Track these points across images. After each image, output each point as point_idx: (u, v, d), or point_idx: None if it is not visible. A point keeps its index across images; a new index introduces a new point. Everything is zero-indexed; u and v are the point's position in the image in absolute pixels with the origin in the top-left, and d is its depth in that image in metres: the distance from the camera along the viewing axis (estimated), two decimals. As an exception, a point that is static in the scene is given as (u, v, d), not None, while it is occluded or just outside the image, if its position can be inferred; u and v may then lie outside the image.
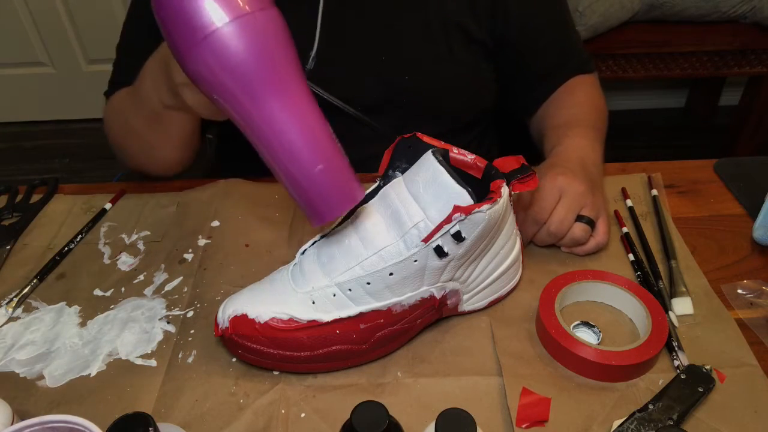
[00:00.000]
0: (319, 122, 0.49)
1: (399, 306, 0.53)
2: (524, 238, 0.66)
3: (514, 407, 0.51)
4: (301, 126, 0.47)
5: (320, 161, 0.48)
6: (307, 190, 0.48)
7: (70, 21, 2.22)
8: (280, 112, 0.46)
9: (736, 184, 0.77)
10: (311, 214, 0.49)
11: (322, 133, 0.48)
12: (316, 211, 0.49)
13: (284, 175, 0.48)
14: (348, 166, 0.50)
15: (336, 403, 0.53)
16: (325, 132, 0.49)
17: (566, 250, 0.67)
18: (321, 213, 0.49)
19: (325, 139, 0.48)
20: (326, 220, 0.49)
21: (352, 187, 0.50)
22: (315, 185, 0.48)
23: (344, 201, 0.49)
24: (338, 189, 0.49)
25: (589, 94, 0.83)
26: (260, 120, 0.47)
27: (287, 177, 0.48)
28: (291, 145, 0.47)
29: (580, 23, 1.64)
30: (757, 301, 0.61)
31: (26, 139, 2.41)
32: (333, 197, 0.49)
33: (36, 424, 0.39)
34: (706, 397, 0.51)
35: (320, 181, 0.48)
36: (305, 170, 0.47)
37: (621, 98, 2.43)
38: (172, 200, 0.77)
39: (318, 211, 0.49)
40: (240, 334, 0.53)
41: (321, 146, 0.48)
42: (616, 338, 0.58)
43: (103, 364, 0.57)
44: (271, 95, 0.46)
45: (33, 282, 0.65)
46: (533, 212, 0.63)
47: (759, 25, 1.75)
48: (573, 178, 0.64)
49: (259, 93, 0.46)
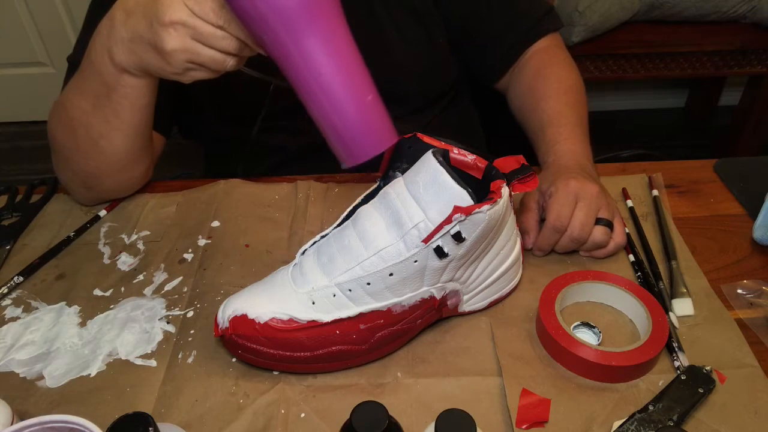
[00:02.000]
0: (361, 57, 0.51)
1: (399, 306, 0.53)
2: (545, 248, 0.66)
3: (514, 408, 0.51)
4: (355, 56, 0.49)
5: (369, 91, 0.50)
6: (354, 122, 0.49)
7: (70, 21, 2.22)
8: (331, 42, 0.48)
9: (736, 184, 0.77)
10: (354, 149, 0.50)
11: (366, 68, 0.51)
12: (360, 145, 0.50)
13: (332, 108, 0.49)
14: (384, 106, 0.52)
15: (336, 403, 0.53)
16: (366, 68, 0.51)
17: (585, 254, 0.67)
18: (365, 148, 0.50)
19: (368, 75, 0.51)
20: (370, 155, 0.50)
21: (391, 124, 0.52)
22: (365, 115, 0.50)
23: (388, 136, 0.51)
24: (384, 122, 0.51)
25: (560, 77, 0.81)
26: (315, 49, 0.48)
27: (336, 109, 0.49)
28: (344, 73, 0.49)
29: (580, 23, 1.64)
30: (757, 301, 0.61)
31: (26, 139, 2.41)
32: (379, 130, 0.51)
33: (36, 424, 0.39)
34: (706, 398, 0.51)
35: (370, 110, 0.50)
36: (357, 99, 0.49)
37: (621, 98, 2.43)
38: (172, 200, 0.77)
39: (362, 146, 0.50)
40: (240, 334, 0.53)
41: (368, 78, 0.50)
42: (616, 339, 0.58)
43: (103, 364, 0.57)
44: (324, 24, 0.48)
45: (16, 278, 0.66)
46: (552, 221, 0.63)
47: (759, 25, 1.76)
48: (585, 181, 0.64)
49: (312, 22, 0.47)
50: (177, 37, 0.52)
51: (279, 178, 0.81)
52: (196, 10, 0.51)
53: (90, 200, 0.76)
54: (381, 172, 0.59)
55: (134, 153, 0.70)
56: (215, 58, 0.54)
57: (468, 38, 0.86)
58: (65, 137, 0.69)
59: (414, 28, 0.81)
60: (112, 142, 0.67)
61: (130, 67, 0.59)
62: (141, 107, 0.65)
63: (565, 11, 1.66)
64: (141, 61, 0.57)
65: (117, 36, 0.57)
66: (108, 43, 0.58)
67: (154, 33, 0.53)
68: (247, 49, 0.55)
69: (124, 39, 0.57)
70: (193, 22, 0.52)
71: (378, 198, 0.56)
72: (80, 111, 0.65)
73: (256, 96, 0.80)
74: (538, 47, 0.85)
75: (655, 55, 1.78)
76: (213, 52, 0.54)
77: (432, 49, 0.85)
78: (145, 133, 0.69)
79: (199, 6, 0.51)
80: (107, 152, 0.68)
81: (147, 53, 0.56)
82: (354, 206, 0.58)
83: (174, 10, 0.51)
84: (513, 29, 0.84)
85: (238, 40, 0.53)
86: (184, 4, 0.51)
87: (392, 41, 0.81)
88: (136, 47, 0.56)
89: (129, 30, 0.56)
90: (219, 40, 0.53)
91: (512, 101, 0.87)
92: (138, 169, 0.74)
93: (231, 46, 0.53)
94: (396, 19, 0.80)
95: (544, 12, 0.85)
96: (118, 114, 0.64)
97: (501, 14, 0.84)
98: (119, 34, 0.57)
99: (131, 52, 0.57)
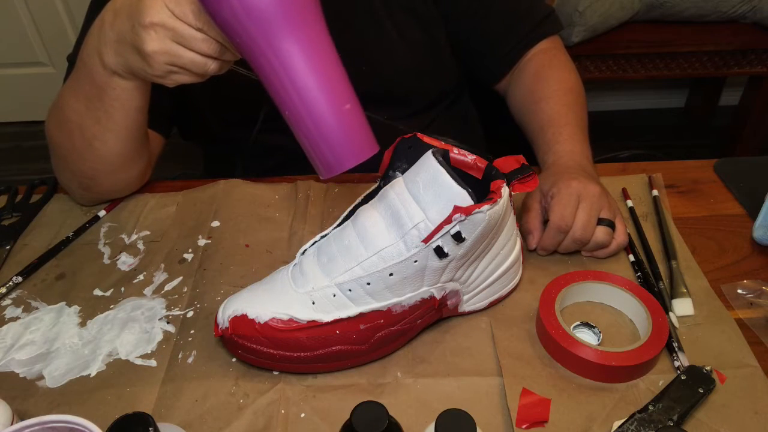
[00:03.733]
0: (342, 66, 0.49)
1: (399, 306, 0.53)
2: (549, 249, 0.66)
3: (514, 408, 0.51)
4: (331, 63, 0.48)
5: (348, 100, 0.48)
6: (331, 131, 0.48)
7: (70, 21, 2.22)
8: (309, 48, 0.47)
9: (736, 184, 0.77)
10: (331, 160, 0.49)
11: (346, 76, 0.49)
12: (337, 156, 0.48)
13: (308, 116, 0.48)
14: (365, 116, 0.50)
15: (336, 403, 0.53)
16: (347, 76, 0.49)
17: (587, 255, 0.67)
18: (342, 158, 0.48)
19: (348, 83, 0.49)
20: (347, 167, 0.49)
21: (371, 135, 0.50)
22: (342, 124, 0.48)
23: (366, 146, 0.49)
24: (362, 132, 0.49)
25: (559, 78, 0.81)
26: (292, 53, 0.47)
27: (312, 117, 0.48)
28: (322, 80, 0.47)
29: (580, 23, 1.64)
30: (757, 301, 0.61)
31: (26, 139, 2.41)
32: (357, 140, 0.49)
33: (36, 424, 0.39)
34: (706, 398, 0.51)
35: (347, 119, 0.48)
36: (334, 108, 0.48)
37: (621, 98, 2.43)
38: (172, 200, 0.77)
39: (339, 157, 0.48)
40: (240, 334, 0.53)
41: (348, 86, 0.49)
42: (616, 339, 0.58)
43: (103, 365, 0.57)
44: (304, 29, 0.47)
45: (15, 278, 0.66)
46: (556, 222, 0.63)
47: (759, 25, 1.75)
48: (586, 182, 0.64)
49: (290, 26, 0.46)
50: (157, 39, 0.52)
51: (279, 178, 0.81)
52: (176, 12, 0.51)
53: (88, 200, 0.76)
54: (381, 172, 0.59)
55: (129, 154, 0.70)
56: (195, 60, 0.53)
57: (469, 40, 0.86)
58: (61, 138, 0.69)
59: (415, 29, 0.82)
60: (105, 143, 0.66)
61: (119, 69, 0.59)
62: (132, 109, 0.64)
63: (565, 11, 1.66)
64: (126, 62, 0.57)
65: (106, 37, 0.57)
66: (98, 45, 0.58)
67: (135, 34, 0.53)
68: (228, 53, 0.54)
69: (111, 40, 0.57)
70: (173, 24, 0.51)
71: (378, 198, 0.56)
72: (74, 112, 0.65)
73: (255, 97, 0.80)
74: (539, 49, 0.85)
75: (655, 55, 1.78)
76: (193, 55, 0.53)
77: (433, 51, 0.85)
78: (138, 135, 0.69)
79: (179, 8, 0.51)
80: (101, 153, 0.68)
81: (130, 55, 0.55)
82: (354, 206, 0.58)
83: (154, 12, 0.51)
84: (514, 32, 0.84)
85: (218, 43, 0.52)
86: (165, 6, 0.51)
87: (393, 42, 0.81)
88: (121, 48, 0.56)
89: (115, 31, 0.56)
90: (199, 42, 0.52)
91: (512, 103, 0.87)
92: (134, 170, 0.74)
93: (211, 49, 0.53)
94: (397, 21, 0.80)
95: (545, 15, 0.86)
96: (110, 116, 0.64)
97: (502, 16, 0.84)
98: (107, 35, 0.57)
99: (117, 53, 0.57)
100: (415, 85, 0.85)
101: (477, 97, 1.01)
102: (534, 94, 0.81)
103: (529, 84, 0.83)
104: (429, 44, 0.84)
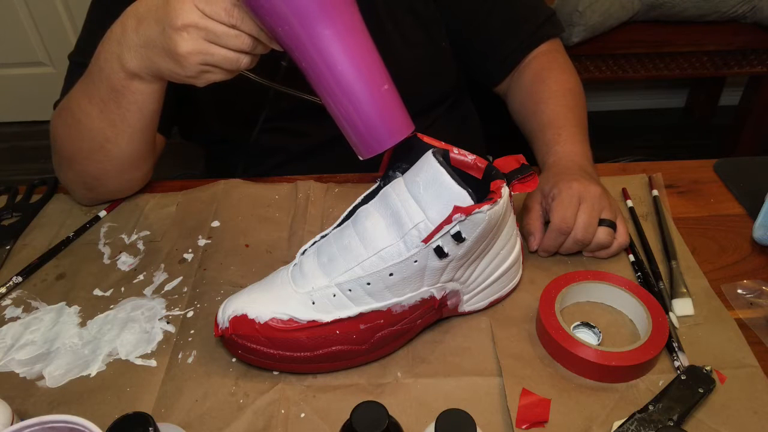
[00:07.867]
0: (375, 48, 0.51)
1: (399, 306, 0.53)
2: (550, 250, 0.66)
3: (514, 408, 0.51)
4: (369, 46, 0.50)
5: (386, 81, 0.50)
6: (371, 111, 0.50)
7: (70, 21, 2.22)
8: (345, 31, 0.49)
9: (736, 184, 0.77)
10: (370, 140, 0.51)
11: (380, 58, 0.51)
12: (377, 136, 0.51)
13: (347, 99, 0.50)
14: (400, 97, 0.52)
15: (336, 403, 0.53)
16: (380, 58, 0.52)
17: (588, 255, 0.67)
18: (381, 138, 0.51)
19: (383, 64, 0.51)
20: (387, 146, 0.51)
21: (407, 115, 0.52)
22: (380, 105, 0.50)
23: (404, 126, 0.51)
24: (399, 112, 0.51)
25: (559, 80, 0.81)
26: (330, 39, 0.48)
27: (351, 100, 0.50)
28: (360, 63, 0.49)
29: (580, 23, 1.64)
30: (757, 301, 0.61)
31: (26, 139, 2.41)
32: (395, 120, 0.51)
33: (36, 424, 0.39)
34: (706, 398, 0.51)
35: (386, 100, 0.50)
36: (372, 89, 0.50)
37: (621, 98, 2.43)
38: (172, 200, 0.77)
39: (379, 137, 0.51)
40: (240, 334, 0.53)
41: (383, 68, 0.51)
42: (616, 339, 0.58)
43: (103, 365, 0.57)
44: (344, 14, 0.49)
45: (15, 278, 0.66)
46: (556, 223, 0.63)
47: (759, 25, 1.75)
48: (587, 183, 0.64)
49: (327, 13, 0.48)
50: (190, 40, 0.53)
51: (279, 178, 0.81)
52: (207, 11, 0.52)
53: (91, 201, 0.76)
54: (381, 172, 0.59)
55: (139, 155, 0.71)
56: (229, 57, 0.55)
57: (469, 42, 0.86)
58: (70, 140, 0.69)
59: (416, 31, 0.82)
60: (118, 145, 0.67)
61: (142, 73, 0.60)
62: (149, 112, 0.65)
63: (565, 11, 1.66)
64: (154, 65, 0.58)
65: (129, 42, 0.58)
66: (118, 50, 0.59)
67: (167, 37, 0.54)
68: (260, 46, 0.55)
69: (136, 45, 0.58)
70: (205, 24, 0.52)
71: (378, 198, 0.56)
72: (86, 115, 0.66)
73: (256, 98, 0.80)
74: (539, 52, 0.85)
75: (655, 55, 1.78)
76: (226, 52, 0.55)
77: (434, 52, 0.85)
78: (150, 137, 0.70)
79: (210, 6, 0.52)
80: (113, 155, 0.68)
81: (160, 58, 0.56)
82: (354, 206, 0.58)
83: (185, 13, 0.52)
84: (514, 34, 0.85)
85: (251, 37, 0.54)
86: (195, 6, 0.52)
87: (394, 44, 0.81)
88: (149, 53, 0.57)
89: (141, 36, 0.57)
90: (232, 38, 0.54)
91: (512, 104, 0.87)
92: (141, 171, 0.75)
93: (244, 44, 0.54)
94: (398, 22, 0.80)
95: (546, 17, 0.86)
96: (125, 119, 0.65)
97: (502, 19, 0.84)
98: (131, 40, 0.58)
99: (144, 57, 0.58)
100: (416, 87, 0.85)
101: (477, 98, 1.01)
102: (534, 96, 0.81)
103: (529, 86, 0.83)
104: (430, 46, 0.84)
